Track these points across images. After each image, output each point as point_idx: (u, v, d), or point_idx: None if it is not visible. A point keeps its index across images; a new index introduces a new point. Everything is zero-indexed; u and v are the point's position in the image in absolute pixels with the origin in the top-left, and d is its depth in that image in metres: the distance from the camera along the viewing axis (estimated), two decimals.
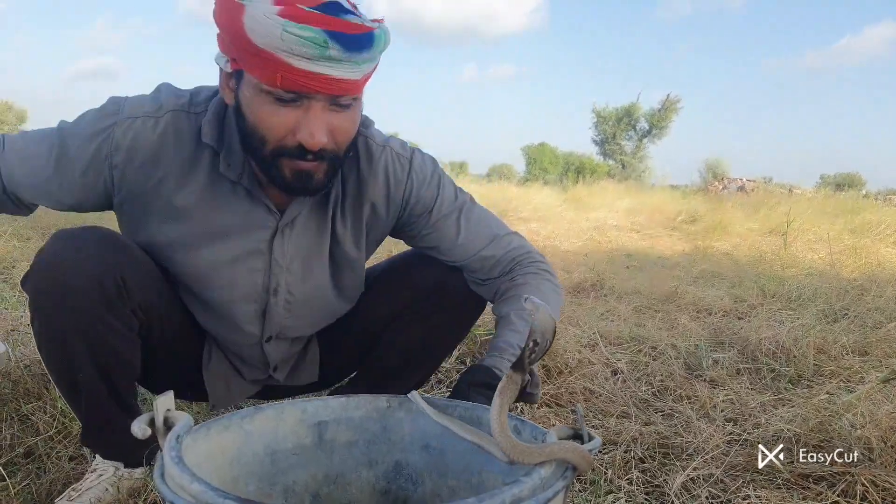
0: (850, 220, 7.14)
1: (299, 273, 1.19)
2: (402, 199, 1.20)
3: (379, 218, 1.22)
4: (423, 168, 1.22)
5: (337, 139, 1.00)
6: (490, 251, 1.24)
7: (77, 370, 1.08)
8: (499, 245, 1.25)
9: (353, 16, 0.91)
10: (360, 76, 0.96)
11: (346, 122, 1.00)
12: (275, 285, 1.19)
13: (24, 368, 1.69)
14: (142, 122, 1.06)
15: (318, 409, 0.93)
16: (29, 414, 1.52)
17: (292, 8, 0.87)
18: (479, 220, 1.26)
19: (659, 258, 5.48)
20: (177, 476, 0.62)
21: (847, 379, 2.06)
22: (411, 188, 1.20)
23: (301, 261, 1.19)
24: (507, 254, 1.25)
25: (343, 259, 1.23)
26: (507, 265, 1.25)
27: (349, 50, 0.90)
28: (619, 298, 3.39)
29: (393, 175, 1.18)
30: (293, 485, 0.92)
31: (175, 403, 0.75)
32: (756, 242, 6.35)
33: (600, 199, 9.90)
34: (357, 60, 0.92)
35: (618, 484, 1.36)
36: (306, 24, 0.87)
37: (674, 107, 34.86)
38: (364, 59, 0.93)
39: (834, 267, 4.52)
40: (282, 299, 1.20)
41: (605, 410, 1.80)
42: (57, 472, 1.29)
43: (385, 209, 1.21)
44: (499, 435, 0.71)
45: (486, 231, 1.26)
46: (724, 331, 2.67)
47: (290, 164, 0.99)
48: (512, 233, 1.30)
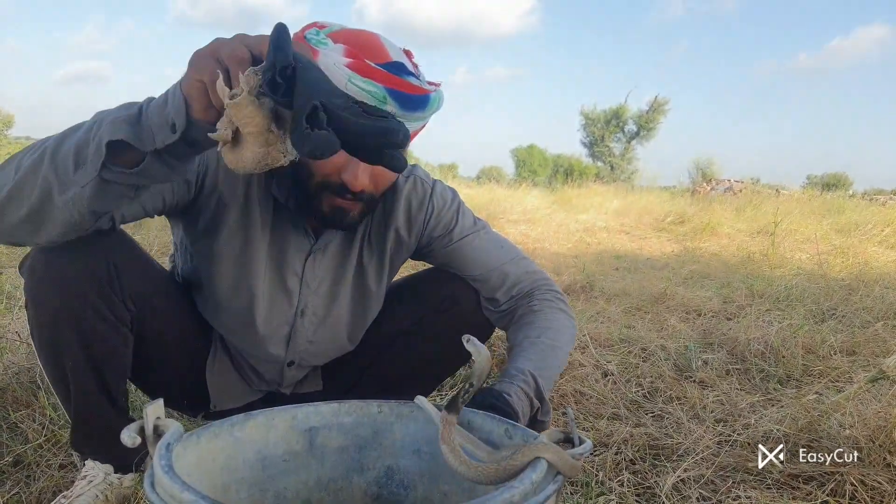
0: (836, 219, 7.20)
1: (325, 297, 1.26)
2: (423, 221, 1.27)
3: (402, 243, 1.29)
4: (444, 194, 1.30)
5: (377, 184, 1.10)
6: (511, 267, 1.29)
7: (66, 357, 1.09)
8: (520, 265, 1.30)
9: (413, 78, 0.99)
10: (410, 132, 1.03)
11: (388, 171, 1.04)
12: (303, 306, 1.25)
13: (13, 376, 1.68)
14: None
15: (309, 415, 0.93)
16: (18, 422, 1.51)
17: (361, 62, 0.94)
18: (498, 240, 1.33)
19: (648, 259, 5.51)
20: (167, 485, 0.61)
21: (835, 379, 2.08)
22: (432, 211, 1.27)
23: (328, 285, 1.26)
24: (527, 275, 1.30)
25: (364, 290, 1.30)
26: (525, 287, 1.29)
27: (404, 108, 0.97)
28: (609, 300, 3.40)
29: (415, 198, 1.26)
30: (284, 491, 0.92)
31: (165, 412, 0.74)
32: (744, 243, 6.39)
33: (589, 200, 9.92)
34: (409, 118, 0.99)
35: (609, 486, 1.37)
36: (371, 78, 0.94)
37: (661, 108, 35.05)
38: (416, 118, 1.00)
39: (821, 267, 4.56)
40: (308, 321, 1.27)
41: (595, 412, 1.81)
42: (46, 481, 1.28)
43: (407, 232, 1.27)
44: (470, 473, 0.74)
45: (508, 249, 1.32)
46: (714, 332, 2.69)
47: (330, 200, 1.07)
48: (528, 258, 1.35)
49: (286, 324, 1.26)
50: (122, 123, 0.77)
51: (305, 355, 1.31)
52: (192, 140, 0.77)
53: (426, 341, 1.34)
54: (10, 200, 0.86)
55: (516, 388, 1.05)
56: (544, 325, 1.21)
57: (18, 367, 1.74)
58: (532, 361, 1.12)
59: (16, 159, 0.87)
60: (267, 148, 0.69)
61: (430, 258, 1.34)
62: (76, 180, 0.81)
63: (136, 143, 0.77)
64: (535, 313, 1.24)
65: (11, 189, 0.85)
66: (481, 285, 1.30)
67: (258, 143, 0.68)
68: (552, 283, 1.32)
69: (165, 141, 0.76)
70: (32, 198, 0.85)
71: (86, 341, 1.08)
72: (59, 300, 1.05)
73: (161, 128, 0.76)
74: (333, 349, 1.34)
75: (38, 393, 1.59)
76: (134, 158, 0.80)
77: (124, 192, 0.84)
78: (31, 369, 1.73)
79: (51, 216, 0.86)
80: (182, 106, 0.73)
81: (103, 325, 1.09)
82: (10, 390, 1.63)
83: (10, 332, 2.02)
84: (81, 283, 1.05)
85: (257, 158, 0.69)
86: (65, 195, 0.82)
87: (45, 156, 0.83)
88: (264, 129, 0.68)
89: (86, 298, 1.06)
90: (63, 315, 1.06)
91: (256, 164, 0.70)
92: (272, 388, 1.39)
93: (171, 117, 0.74)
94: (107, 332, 1.10)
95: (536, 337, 1.19)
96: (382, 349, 1.37)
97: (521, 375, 1.08)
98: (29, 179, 0.84)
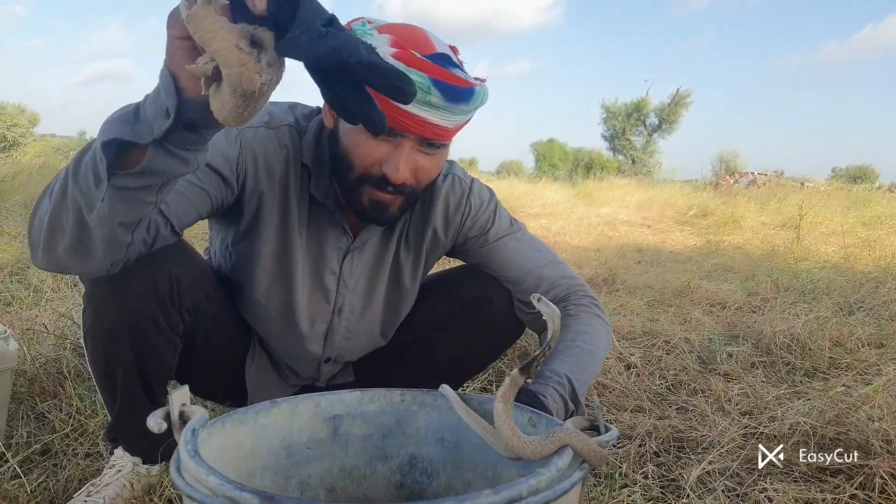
0: (863, 212, 7.09)
1: (362, 295, 1.27)
2: (460, 221, 1.27)
3: (438, 242, 1.29)
4: (482, 194, 1.29)
5: (419, 178, 1.07)
6: (548, 271, 1.28)
7: (119, 366, 1.11)
8: (556, 269, 1.29)
9: (459, 70, 0.99)
10: (453, 126, 1.02)
11: (430, 163, 1.07)
12: (340, 304, 1.26)
13: (40, 367, 1.71)
14: (264, 132, 1.12)
15: (333, 403, 0.93)
16: (45, 412, 1.53)
17: (406, 52, 0.94)
18: (534, 242, 1.32)
19: (670, 253, 5.46)
20: (193, 469, 0.62)
21: (863, 371, 2.05)
22: (469, 210, 1.27)
23: (365, 283, 1.27)
24: (562, 280, 1.28)
25: (399, 287, 1.30)
26: (561, 291, 1.28)
27: (448, 100, 0.96)
28: (632, 293, 3.37)
29: (453, 197, 1.26)
30: (308, 478, 0.92)
31: (190, 398, 0.74)
32: (768, 236, 6.31)
33: (610, 194, 9.86)
34: (453, 111, 0.99)
35: (633, 478, 1.36)
36: (416, 68, 0.93)
37: (683, 101, 34.68)
38: (460, 111, 1.00)
39: (848, 260, 4.49)
40: (345, 319, 1.27)
41: (618, 405, 1.79)
42: (73, 469, 1.30)
43: (444, 232, 1.27)
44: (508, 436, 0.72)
45: (544, 253, 1.31)
46: (738, 324, 2.65)
47: (370, 193, 1.06)
48: (565, 262, 1.34)
49: (324, 322, 1.26)
50: (117, 123, 0.73)
51: (342, 351, 1.32)
52: (189, 122, 0.71)
53: (457, 339, 1.34)
54: (52, 230, 0.83)
55: (551, 389, 1.03)
56: (580, 329, 1.20)
57: (45, 358, 1.76)
58: (567, 364, 1.11)
59: (48, 189, 0.84)
60: (240, 68, 0.60)
61: (465, 257, 1.33)
62: (97, 195, 0.77)
63: (133, 137, 0.72)
64: (570, 317, 1.23)
65: (50, 217, 0.82)
66: (515, 287, 1.28)
67: (228, 64, 0.60)
68: (588, 288, 1.31)
69: (162, 128, 0.71)
70: (69, 223, 0.81)
71: (140, 353, 1.10)
72: (121, 312, 1.05)
73: (156, 116, 0.71)
74: (368, 345, 1.34)
75: (65, 383, 1.62)
76: (141, 158, 0.75)
77: (142, 198, 0.80)
78: (57, 360, 1.75)
79: (90, 239, 0.83)
80: (171, 84, 0.68)
81: (158, 338, 1.10)
82: (38, 381, 1.66)
83: (37, 325, 2.05)
84: (144, 297, 1.05)
85: (231, 83, 0.61)
86: (92, 213, 0.79)
87: (69, 176, 0.79)
88: (232, 43, 0.60)
89: (146, 312, 1.06)
90: (123, 327, 1.07)
91: (232, 93, 0.62)
92: (307, 382, 1.39)
93: (164, 103, 0.70)
94: (160, 344, 1.11)
95: (572, 340, 1.17)
96: (413, 344, 1.37)
97: (556, 377, 1.06)
98: (61, 204, 0.81)
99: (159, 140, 0.73)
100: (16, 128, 30.11)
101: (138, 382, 1.13)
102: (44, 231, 0.84)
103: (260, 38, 0.61)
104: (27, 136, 30.25)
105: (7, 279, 2.88)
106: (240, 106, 0.63)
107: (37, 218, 0.86)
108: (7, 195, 5.40)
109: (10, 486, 1.21)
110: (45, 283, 2.75)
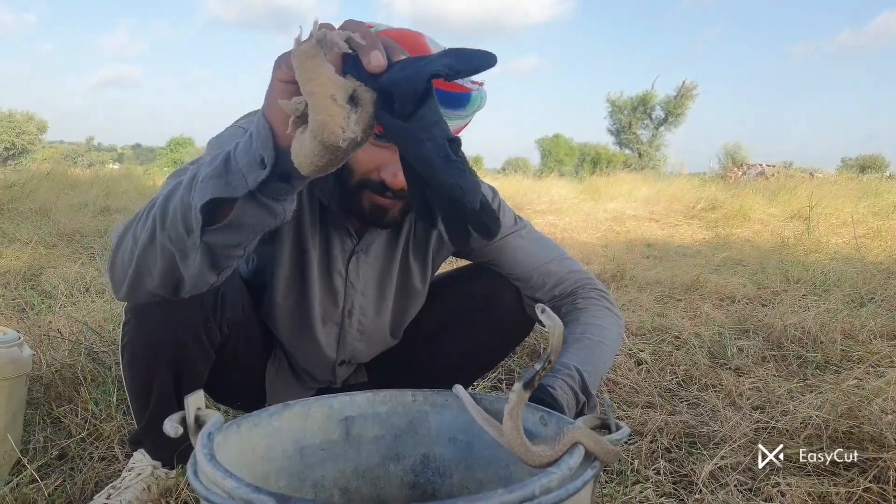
0: (873, 202, 7.02)
1: (372, 297, 1.28)
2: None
3: (444, 243, 1.30)
4: (485, 193, 1.26)
5: None
6: (555, 266, 1.28)
7: (156, 377, 1.12)
8: (563, 264, 1.29)
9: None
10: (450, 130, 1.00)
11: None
12: (349, 307, 1.27)
13: (56, 373, 1.73)
14: None
15: (345, 404, 0.94)
16: (61, 417, 1.55)
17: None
18: (540, 239, 1.32)
19: (679, 247, 5.44)
20: (210, 472, 0.62)
21: (876, 364, 2.04)
22: None
23: (374, 285, 1.27)
24: (570, 274, 1.28)
25: (409, 289, 1.31)
26: (569, 286, 1.27)
27: (445, 106, 0.95)
28: (641, 289, 3.37)
29: None
30: (322, 480, 0.93)
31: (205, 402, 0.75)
32: (778, 228, 6.28)
33: (617, 189, 9.81)
34: (450, 116, 0.98)
35: (645, 474, 1.36)
36: None
37: (689, 93, 34.53)
38: (457, 116, 1.00)
39: (859, 251, 4.46)
40: (355, 321, 1.28)
41: (629, 401, 1.80)
42: (89, 473, 1.31)
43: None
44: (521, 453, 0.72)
45: (551, 249, 1.31)
46: (749, 318, 2.64)
47: (370, 198, 1.07)
48: (572, 257, 1.33)
49: (335, 323, 1.27)
50: (211, 180, 0.71)
51: (355, 353, 1.33)
52: (285, 173, 0.68)
53: (467, 336, 1.35)
54: (139, 273, 0.84)
55: (560, 381, 1.03)
56: (589, 321, 1.20)
57: (61, 364, 1.78)
58: (576, 356, 1.11)
59: (130, 230, 0.85)
60: (326, 118, 0.58)
61: (471, 257, 1.34)
62: (191, 246, 0.76)
63: (227, 192, 0.70)
64: (579, 311, 1.23)
65: (137, 263, 0.83)
66: (523, 284, 1.29)
67: (316, 110, 0.58)
68: (596, 281, 1.30)
69: (257, 179, 0.68)
70: (157, 268, 0.82)
71: (179, 367, 1.11)
72: (165, 326, 1.07)
73: (251, 167, 0.68)
74: (380, 345, 1.35)
75: (80, 388, 1.64)
76: (230, 211, 0.73)
77: (232, 253, 0.80)
78: (72, 366, 1.77)
79: (181, 282, 0.84)
80: (268, 134, 0.66)
81: (196, 351, 1.12)
82: (54, 386, 1.67)
83: (52, 331, 2.07)
84: (189, 311, 1.06)
85: (313, 129, 0.59)
86: (186, 261, 0.79)
87: (157, 222, 0.78)
88: (328, 92, 0.58)
89: (191, 327, 1.08)
90: (166, 341, 1.08)
91: (312, 139, 0.60)
92: (324, 385, 1.41)
93: (259, 151, 0.67)
94: (197, 357, 1.13)
95: (581, 333, 1.17)
96: (424, 343, 1.38)
97: (565, 369, 1.06)
98: (148, 249, 0.81)
99: (252, 191, 0.70)
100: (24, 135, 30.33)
101: (174, 394, 1.14)
102: (129, 273, 0.85)
103: (360, 97, 0.60)
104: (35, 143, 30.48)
105: (21, 285, 2.91)
106: (317, 154, 0.61)
107: (118, 258, 0.86)
108: (18, 202, 5.45)
109: (29, 489, 1.23)
110: (56, 288, 2.77)
